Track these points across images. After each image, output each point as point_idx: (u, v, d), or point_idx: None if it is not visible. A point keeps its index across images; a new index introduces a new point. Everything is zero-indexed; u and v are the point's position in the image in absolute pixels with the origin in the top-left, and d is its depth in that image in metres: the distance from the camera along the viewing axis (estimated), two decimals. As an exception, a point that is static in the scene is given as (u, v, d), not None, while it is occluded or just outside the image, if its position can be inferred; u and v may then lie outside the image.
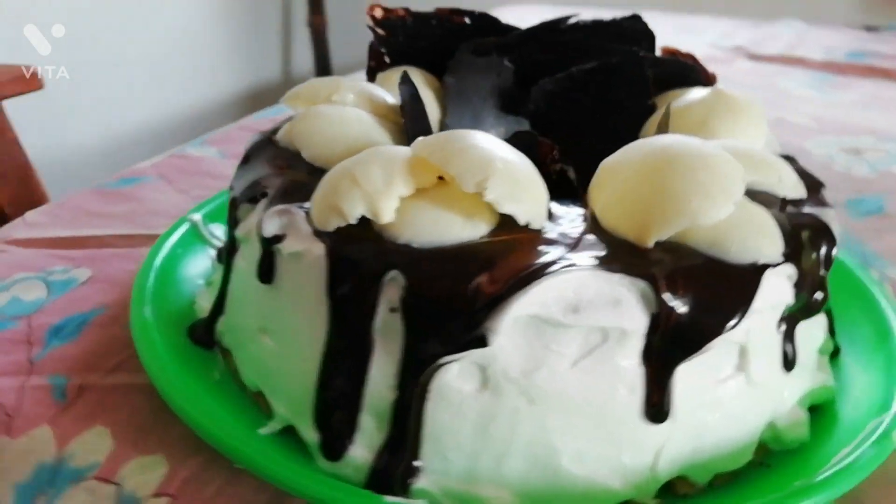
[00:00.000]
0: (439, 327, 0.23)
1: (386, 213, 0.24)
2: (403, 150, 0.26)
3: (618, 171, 0.27)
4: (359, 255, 0.24)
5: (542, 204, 0.26)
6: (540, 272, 0.23)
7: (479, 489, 0.25)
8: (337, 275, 0.25)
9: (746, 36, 1.17)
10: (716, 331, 0.23)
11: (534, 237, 0.25)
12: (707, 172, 0.24)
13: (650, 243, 0.24)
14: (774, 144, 0.35)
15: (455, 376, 0.24)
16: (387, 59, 0.41)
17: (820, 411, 0.30)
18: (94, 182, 0.51)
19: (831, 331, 0.33)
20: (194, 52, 1.70)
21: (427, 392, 0.24)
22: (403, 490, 0.25)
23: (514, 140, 0.29)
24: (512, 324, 0.23)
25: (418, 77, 0.39)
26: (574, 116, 0.39)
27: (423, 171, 0.25)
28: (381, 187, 0.25)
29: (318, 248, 0.25)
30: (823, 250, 0.27)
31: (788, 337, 0.27)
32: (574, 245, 0.25)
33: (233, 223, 0.31)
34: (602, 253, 0.24)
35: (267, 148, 0.33)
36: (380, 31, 0.40)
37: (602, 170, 0.28)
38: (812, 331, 0.30)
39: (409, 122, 0.32)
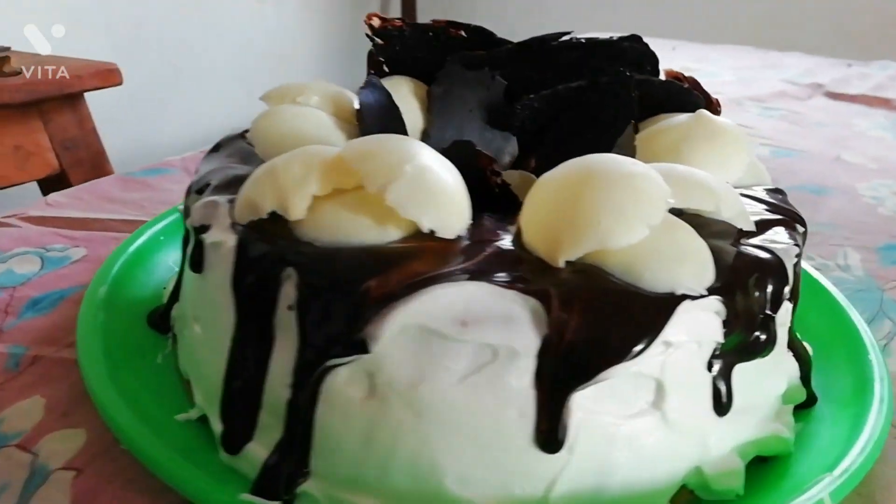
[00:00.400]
0: (325, 328, 0.23)
1: (295, 210, 0.24)
2: (333, 151, 0.26)
3: (545, 184, 0.26)
4: (261, 249, 0.24)
5: (456, 213, 0.25)
6: (430, 281, 0.22)
7: (361, 499, 0.24)
8: (241, 267, 0.25)
9: (831, 74, 1.11)
10: (612, 360, 0.22)
11: (443, 246, 0.24)
12: (623, 192, 0.23)
13: (560, 262, 0.23)
14: (762, 175, 0.33)
15: (344, 381, 0.23)
16: (385, 68, 0.42)
17: (772, 463, 0.28)
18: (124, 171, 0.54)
19: (805, 379, 0.31)
20: (290, 60, 1.77)
21: (317, 394, 0.24)
22: (289, 491, 0.24)
23: (453, 150, 0.28)
24: (399, 332, 0.22)
25: (408, 87, 0.39)
26: (559, 135, 0.38)
27: (346, 172, 0.25)
28: (295, 184, 0.25)
29: (231, 240, 0.25)
30: (770, 288, 0.25)
31: (723, 378, 0.25)
32: (483, 258, 0.24)
33: (186, 213, 0.32)
34: (506, 268, 0.23)
35: (234, 142, 0.34)
36: (377, 39, 0.41)
37: (536, 184, 0.27)
38: (769, 375, 0.28)
39: (363, 128, 0.32)
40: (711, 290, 0.23)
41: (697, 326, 0.23)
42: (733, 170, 0.31)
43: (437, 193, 0.24)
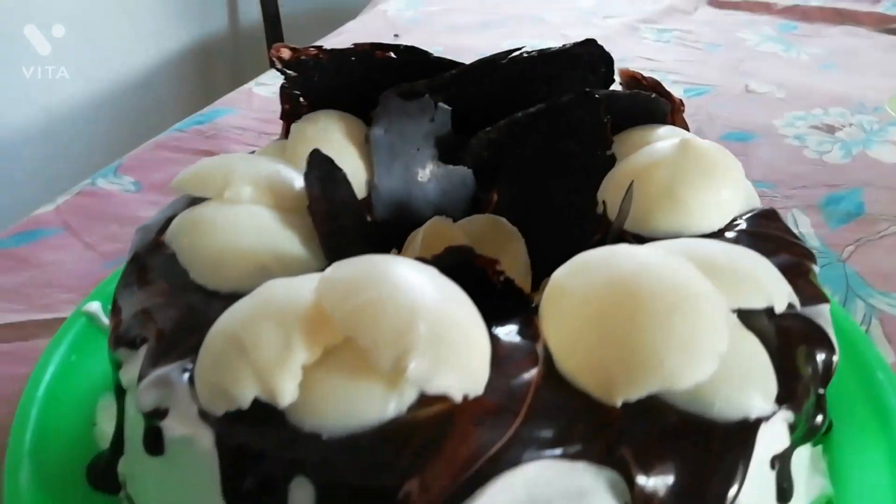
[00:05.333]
0: (363, 546, 0.19)
1: (285, 395, 0.19)
2: (305, 291, 0.21)
3: (574, 300, 0.22)
4: (255, 448, 0.19)
5: (483, 361, 0.21)
6: (483, 474, 0.18)
7: None
8: (231, 474, 0.20)
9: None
10: (705, 519, 0.19)
11: (474, 403, 0.20)
12: (682, 319, 0.20)
13: (617, 403, 0.20)
14: (753, 198, 0.30)
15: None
16: (303, 100, 0.35)
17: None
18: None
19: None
20: (136, 11, 1.56)
21: None
22: None
23: (446, 258, 0.23)
24: (453, 536, 0.18)
25: (339, 129, 0.33)
26: (522, 166, 0.33)
27: (331, 323, 0.20)
28: (277, 358, 0.19)
29: (206, 437, 0.20)
30: (821, 364, 0.23)
31: (784, 471, 0.23)
32: (525, 412, 0.20)
33: (115, 364, 0.26)
34: (559, 424, 0.20)
35: (153, 256, 0.27)
36: (290, 72, 0.34)
37: (555, 290, 0.23)
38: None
39: (319, 225, 0.26)
40: (779, 400, 0.21)
41: (771, 443, 0.21)
42: (732, 205, 0.29)
43: (459, 349, 0.20)
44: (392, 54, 0.34)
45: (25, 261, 0.43)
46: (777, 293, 0.22)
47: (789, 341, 0.23)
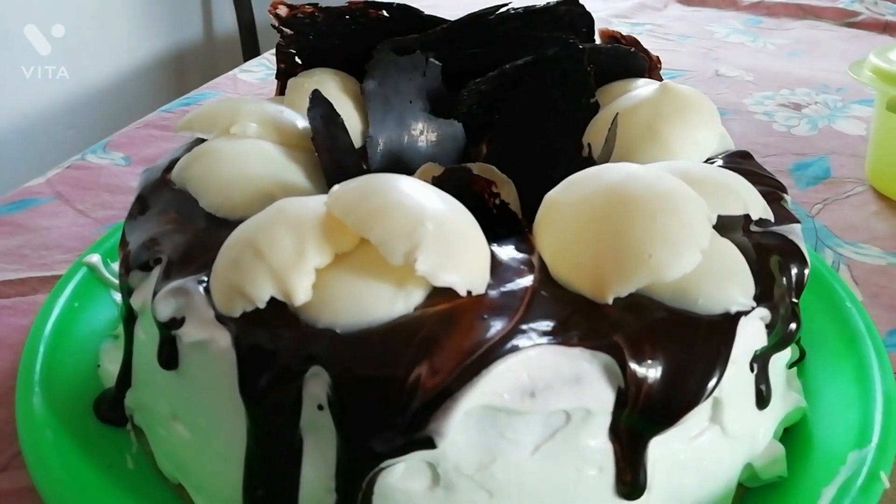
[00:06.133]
0: (376, 429, 0.20)
1: (300, 294, 0.20)
2: (315, 205, 0.22)
3: (566, 209, 0.23)
4: (272, 346, 0.21)
5: (484, 262, 0.22)
6: (487, 357, 0.20)
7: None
8: (248, 371, 0.21)
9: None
10: (693, 402, 0.21)
11: (476, 302, 0.21)
12: (667, 217, 0.21)
13: (608, 300, 0.21)
14: (727, 141, 0.32)
15: (401, 476, 0.21)
16: (298, 60, 0.37)
17: (791, 432, 0.28)
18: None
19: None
20: (109, 17, 1.57)
21: (371, 495, 0.21)
22: None
23: (446, 178, 0.25)
24: (462, 418, 0.20)
25: (335, 83, 0.35)
26: (510, 119, 0.35)
27: (342, 232, 0.21)
28: (292, 260, 0.21)
29: (224, 338, 0.21)
30: (794, 276, 0.25)
31: (762, 375, 0.25)
32: (524, 309, 0.21)
33: (126, 291, 0.26)
34: (556, 318, 0.21)
35: (160, 192, 0.28)
36: (286, 30, 0.35)
37: (548, 206, 0.24)
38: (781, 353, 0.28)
39: (323, 156, 0.27)
40: (757, 299, 0.22)
41: (750, 339, 0.23)
42: (709, 144, 0.31)
43: (463, 246, 0.21)
44: (385, 13, 0.36)
45: (20, 226, 0.44)
46: (752, 203, 0.24)
47: (765, 252, 0.24)
